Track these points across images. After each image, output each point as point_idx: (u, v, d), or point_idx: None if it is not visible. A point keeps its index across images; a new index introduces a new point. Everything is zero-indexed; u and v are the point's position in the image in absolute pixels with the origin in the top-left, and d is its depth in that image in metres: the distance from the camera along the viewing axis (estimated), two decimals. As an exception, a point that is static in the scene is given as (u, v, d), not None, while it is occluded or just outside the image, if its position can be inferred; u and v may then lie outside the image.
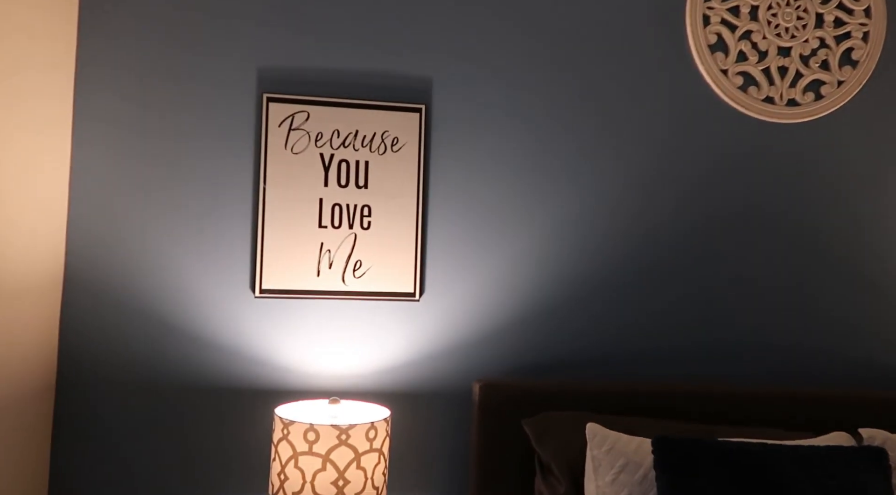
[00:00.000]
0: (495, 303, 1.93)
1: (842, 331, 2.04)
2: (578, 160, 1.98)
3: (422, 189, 1.91)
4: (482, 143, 1.95)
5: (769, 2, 2.04)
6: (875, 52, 2.06)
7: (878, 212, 2.07)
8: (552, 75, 1.98)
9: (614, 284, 1.98)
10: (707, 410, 1.81)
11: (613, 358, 1.97)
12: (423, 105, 1.92)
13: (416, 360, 1.89)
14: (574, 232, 1.97)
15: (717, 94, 2.03)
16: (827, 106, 2.05)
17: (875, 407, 1.84)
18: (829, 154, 2.07)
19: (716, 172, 2.03)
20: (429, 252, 1.91)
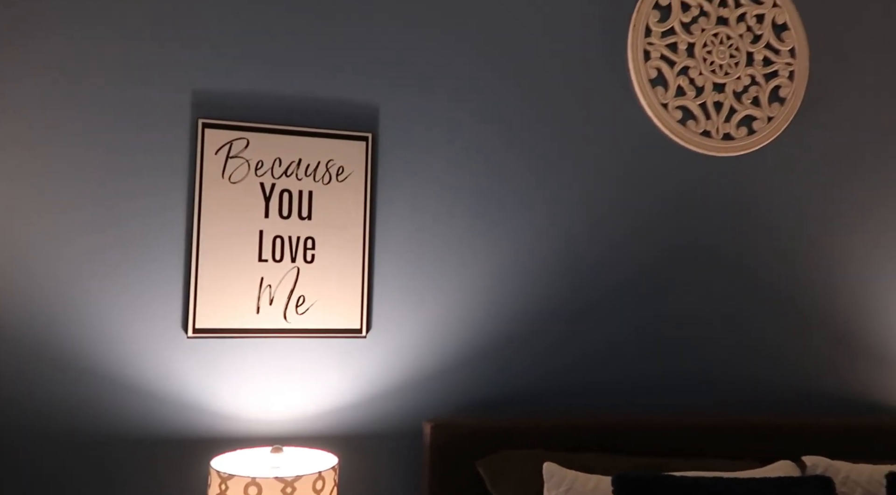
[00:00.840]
0: (445, 338, 1.87)
1: (778, 360, 2.11)
2: (529, 191, 1.96)
3: (368, 220, 1.84)
4: (431, 173, 1.90)
5: (704, 39, 2.11)
6: (800, 89, 2.17)
7: (807, 244, 2.16)
8: (501, 106, 1.96)
9: (564, 317, 1.96)
10: (658, 443, 1.81)
11: (565, 391, 1.94)
12: (370, 133, 1.85)
13: (364, 401, 1.80)
14: (524, 264, 1.95)
15: (659, 127, 2.07)
16: (759, 140, 2.13)
17: (814, 434, 1.90)
18: (762, 187, 2.15)
19: (659, 203, 2.07)
20: (376, 286, 1.84)
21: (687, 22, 2.10)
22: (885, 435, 1.96)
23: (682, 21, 2.10)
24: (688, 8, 2.11)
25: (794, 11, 2.17)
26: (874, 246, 2.20)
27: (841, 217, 2.19)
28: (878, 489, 1.64)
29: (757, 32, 2.15)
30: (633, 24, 2.06)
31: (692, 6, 2.11)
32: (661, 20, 2.08)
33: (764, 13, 2.15)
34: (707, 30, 2.11)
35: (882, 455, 1.92)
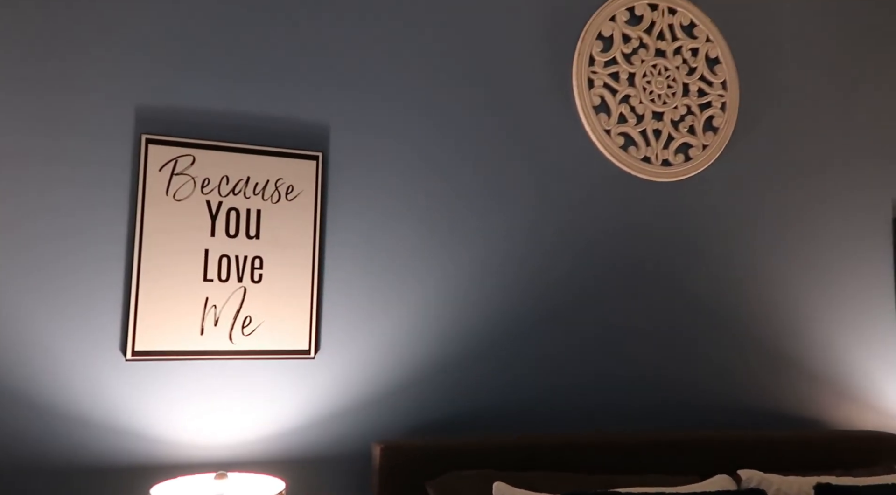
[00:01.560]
0: (395, 359, 1.87)
1: (716, 378, 2.19)
2: (478, 212, 1.99)
3: (318, 239, 1.82)
4: (382, 193, 1.90)
5: (644, 70, 2.21)
6: (731, 119, 2.29)
7: (740, 265, 2.27)
8: (453, 127, 1.99)
9: (512, 337, 1.99)
10: (604, 460, 1.85)
11: (514, 411, 1.96)
12: (321, 152, 1.85)
13: (312, 423, 1.77)
14: (473, 284, 1.97)
15: (602, 152, 2.15)
16: (695, 167, 2.24)
17: (749, 448, 1.98)
18: (698, 210, 2.25)
19: (603, 225, 2.13)
20: (325, 306, 1.82)
21: (628, 53, 2.20)
22: (812, 447, 2.06)
23: (623, 52, 2.19)
24: (628, 39, 2.20)
25: (726, 47, 2.30)
26: (802, 267, 2.33)
27: (769, 240, 2.31)
28: (807, 499, 1.72)
29: (692, 65, 2.27)
30: (578, 53, 2.14)
31: (633, 38, 2.21)
32: (603, 50, 2.17)
33: (698, 47, 2.28)
34: (646, 61, 2.22)
35: (811, 466, 2.02)
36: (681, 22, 2.27)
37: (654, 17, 2.24)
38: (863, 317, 2.39)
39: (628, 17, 2.21)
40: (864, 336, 2.38)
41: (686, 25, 2.28)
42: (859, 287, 2.39)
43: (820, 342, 2.32)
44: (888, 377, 2.39)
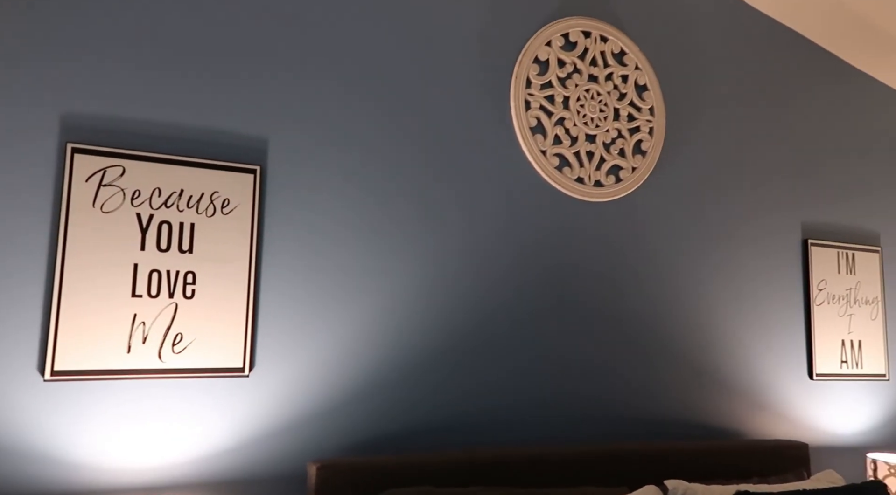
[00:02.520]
0: (332, 377, 1.84)
1: (643, 392, 2.28)
2: (417, 230, 2.01)
3: (255, 255, 1.79)
4: (321, 208, 1.89)
5: (577, 94, 2.30)
6: (658, 144, 2.41)
7: (666, 285, 2.38)
8: (392, 145, 2.00)
9: (448, 355, 2.00)
10: (539, 474, 1.88)
11: (451, 428, 1.97)
12: (258, 166, 1.82)
13: (245, 443, 1.72)
14: (411, 301, 1.97)
15: (539, 172, 2.21)
16: (625, 188, 2.34)
17: (675, 459, 2.07)
18: (627, 231, 2.34)
19: (539, 244, 2.19)
20: (261, 323, 1.78)
21: (563, 77, 2.28)
22: (732, 456, 2.17)
23: (558, 76, 2.27)
24: (563, 64, 2.29)
25: (653, 75, 2.43)
26: (721, 285, 2.46)
27: (692, 259, 2.43)
28: (728, 506, 1.81)
29: (622, 91, 2.38)
30: (515, 76, 2.20)
31: (567, 63, 2.29)
32: (540, 73, 2.25)
33: (628, 74, 2.39)
34: (580, 85, 2.30)
35: (731, 475, 2.13)
36: (612, 49, 2.37)
37: (588, 44, 2.33)
38: (775, 333, 2.54)
39: (563, 43, 2.30)
40: (777, 351, 2.53)
41: (617, 53, 2.38)
42: (772, 304, 2.55)
43: (738, 357, 2.46)
44: (798, 389, 2.56)
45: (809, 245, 2.64)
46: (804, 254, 2.64)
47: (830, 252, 2.67)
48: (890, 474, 2.27)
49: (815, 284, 2.62)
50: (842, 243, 2.71)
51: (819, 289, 2.63)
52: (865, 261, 2.75)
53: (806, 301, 2.61)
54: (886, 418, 2.74)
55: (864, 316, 2.71)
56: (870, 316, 2.72)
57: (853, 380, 2.67)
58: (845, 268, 2.69)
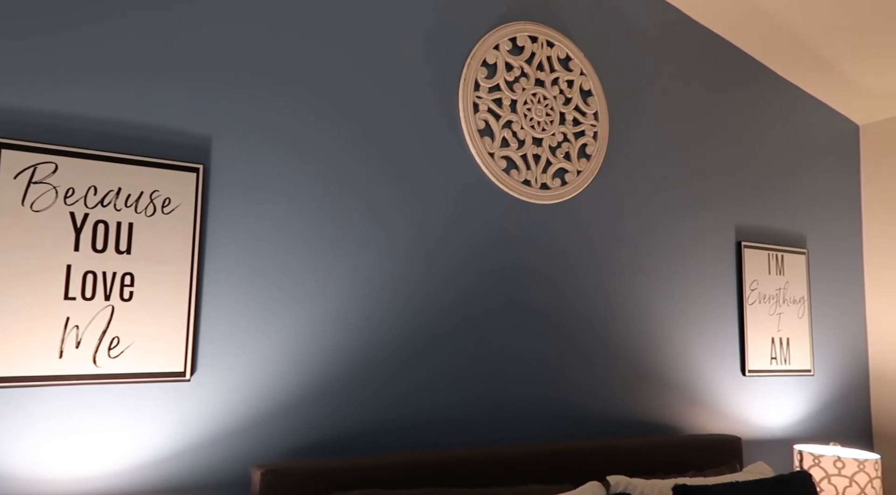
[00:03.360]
0: (276, 380, 1.81)
1: (587, 391, 2.33)
2: (363, 232, 1.99)
3: (197, 256, 1.74)
4: (266, 210, 1.85)
5: (525, 98, 2.33)
6: (602, 148, 2.47)
7: (609, 284, 2.44)
8: (340, 145, 1.98)
9: (394, 357, 2.00)
10: (485, 474, 1.90)
11: (397, 430, 1.97)
12: (202, 165, 1.77)
13: (187, 449, 1.67)
14: (357, 304, 1.96)
15: (487, 174, 2.23)
16: (570, 191, 2.39)
17: (617, 455, 2.13)
18: (572, 232, 2.39)
19: (486, 246, 2.21)
20: (203, 325, 1.73)
21: (510, 81, 2.31)
22: (671, 451, 2.25)
23: (506, 79, 2.30)
24: (511, 68, 2.32)
25: (598, 81, 2.49)
26: (660, 286, 2.55)
27: (633, 261, 2.51)
28: (667, 500, 1.88)
29: (568, 96, 2.43)
30: (464, 79, 2.21)
31: (515, 67, 2.32)
32: (488, 77, 2.27)
33: (573, 79, 2.44)
34: (527, 89, 2.34)
35: (669, 469, 2.21)
36: (558, 55, 2.42)
37: (535, 49, 2.37)
38: (711, 331, 2.65)
39: (511, 47, 2.33)
40: (713, 349, 2.64)
41: (563, 58, 2.43)
42: (708, 304, 2.66)
43: (676, 355, 2.55)
44: (731, 385, 2.67)
45: (742, 247, 2.76)
46: (738, 256, 2.76)
47: (761, 254, 2.80)
48: (814, 464, 2.39)
49: (748, 284, 2.75)
50: (772, 245, 2.85)
51: (751, 289, 2.75)
52: (793, 262, 2.89)
53: (739, 300, 2.73)
54: (811, 411, 2.89)
55: (792, 314, 2.85)
56: (797, 314, 2.87)
57: (782, 376, 2.81)
58: (775, 269, 2.83)
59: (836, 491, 2.33)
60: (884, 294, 3.06)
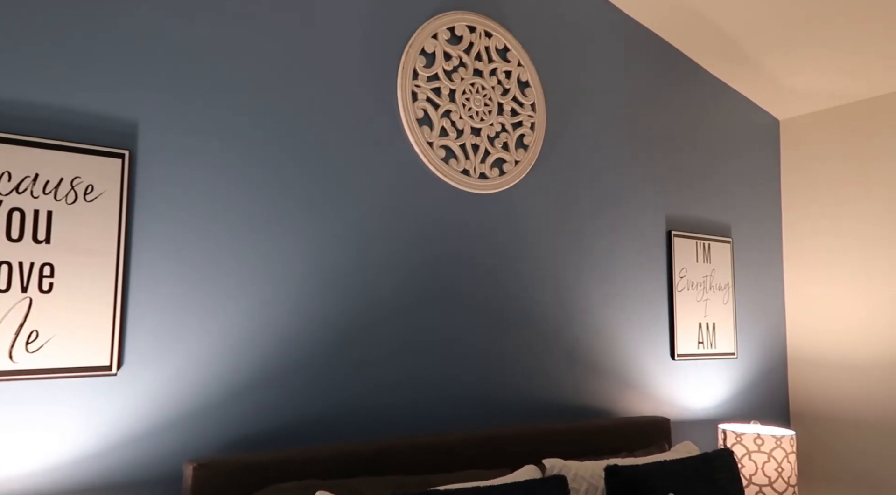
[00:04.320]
0: (208, 374, 1.77)
1: (524, 377, 2.38)
2: (300, 221, 1.96)
3: (123, 246, 1.67)
4: (197, 198, 1.79)
5: (463, 87, 2.34)
6: (539, 139, 2.51)
7: (544, 275, 2.49)
8: (275, 133, 1.94)
9: (328, 347, 1.98)
10: (423, 461, 1.92)
11: (333, 421, 1.96)
12: (127, 150, 1.70)
13: (114, 446, 1.61)
14: (291, 295, 1.93)
15: (425, 163, 2.24)
16: (508, 181, 2.42)
17: (553, 439, 2.18)
18: (510, 222, 2.43)
19: (424, 235, 2.22)
20: (130, 318, 1.67)
21: (449, 70, 2.31)
22: (604, 434, 2.32)
23: (444, 69, 2.30)
24: (449, 57, 2.32)
25: (535, 72, 2.52)
26: (595, 274, 2.62)
27: (569, 250, 2.56)
28: (599, 481, 1.94)
29: (506, 86, 2.45)
30: (402, 67, 2.20)
31: (453, 56, 2.33)
32: (426, 66, 2.26)
33: (511, 70, 2.46)
34: (465, 79, 2.35)
35: (602, 451, 2.28)
36: (496, 45, 2.44)
37: (473, 39, 2.38)
38: (643, 317, 2.74)
39: (449, 37, 2.33)
40: (644, 334, 2.74)
41: (500, 49, 2.45)
42: (640, 291, 2.75)
43: (609, 341, 2.63)
44: (661, 369, 2.78)
45: (672, 236, 2.86)
46: (668, 245, 2.86)
47: (690, 242, 2.92)
48: (737, 442, 2.53)
49: (677, 272, 2.86)
50: (700, 234, 2.97)
51: (680, 276, 2.87)
52: (719, 250, 3.03)
53: (669, 287, 2.84)
54: (735, 392, 3.04)
55: (718, 300, 2.99)
56: (722, 300, 3.01)
57: (708, 359, 2.94)
58: (702, 257, 2.95)
59: (756, 466, 2.46)
60: (801, 281, 3.25)
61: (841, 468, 3.01)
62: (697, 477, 1.96)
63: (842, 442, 3.02)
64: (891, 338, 2.89)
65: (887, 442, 2.87)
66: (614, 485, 1.88)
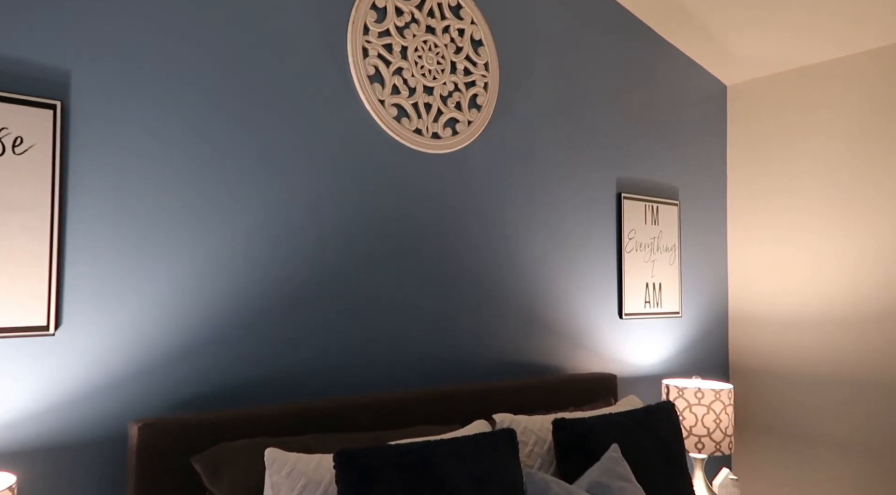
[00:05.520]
0: (153, 333, 1.73)
1: (475, 336, 2.41)
2: (247, 179, 1.91)
3: (58, 201, 1.60)
4: (137, 150, 1.72)
5: (416, 44, 2.30)
6: (493, 99, 2.50)
7: (497, 234, 2.51)
8: (220, 88, 1.87)
9: (281, 303, 1.96)
10: (375, 419, 1.93)
11: (282, 380, 1.95)
12: (59, 101, 1.61)
13: (54, 407, 1.57)
14: (238, 253, 1.89)
15: (377, 122, 2.20)
16: (461, 141, 2.40)
17: (502, 395, 2.23)
18: (463, 183, 2.42)
19: (375, 194, 2.19)
20: (68, 277, 1.61)
21: (401, 26, 2.26)
22: (552, 390, 2.38)
23: (396, 24, 2.25)
24: (401, 13, 2.27)
25: (488, 31, 2.49)
26: (546, 235, 2.65)
27: (520, 211, 2.58)
28: (547, 434, 2.00)
29: (458, 44, 2.42)
30: (352, 21, 2.14)
31: (405, 12, 2.27)
32: (378, 21, 2.21)
33: (464, 28, 2.43)
34: (418, 36, 2.30)
35: (551, 406, 2.35)
36: (448, 2, 2.39)
37: (426, -6, 2.33)
38: (593, 278, 2.80)
39: (401, -9, 2.27)
40: (594, 295, 2.80)
41: (453, 6, 2.41)
42: (590, 252, 2.80)
43: (559, 301, 2.68)
44: (609, 328, 2.85)
45: (622, 198, 2.91)
46: (618, 207, 2.91)
47: (639, 205, 2.97)
48: (679, 396, 2.63)
49: (626, 234, 2.92)
50: (648, 197, 3.03)
51: (629, 238, 2.93)
52: (667, 213, 3.10)
53: (618, 249, 2.90)
54: (679, 350, 3.16)
55: (665, 261, 3.07)
56: (668, 261, 3.09)
57: (654, 318, 3.03)
58: (650, 219, 3.02)
59: (696, 418, 2.57)
60: (744, 242, 3.36)
61: (774, 418, 3.18)
62: (640, 429, 2.04)
63: (776, 395, 3.18)
64: (831, 295, 3.04)
65: (818, 394, 3.04)
66: (561, 438, 1.94)
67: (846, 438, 2.94)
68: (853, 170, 2.98)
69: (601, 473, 1.78)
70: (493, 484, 1.59)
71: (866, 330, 2.91)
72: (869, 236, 2.92)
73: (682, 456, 2.08)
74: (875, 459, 2.86)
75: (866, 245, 2.93)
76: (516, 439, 1.76)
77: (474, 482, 1.56)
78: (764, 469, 3.21)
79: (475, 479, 1.57)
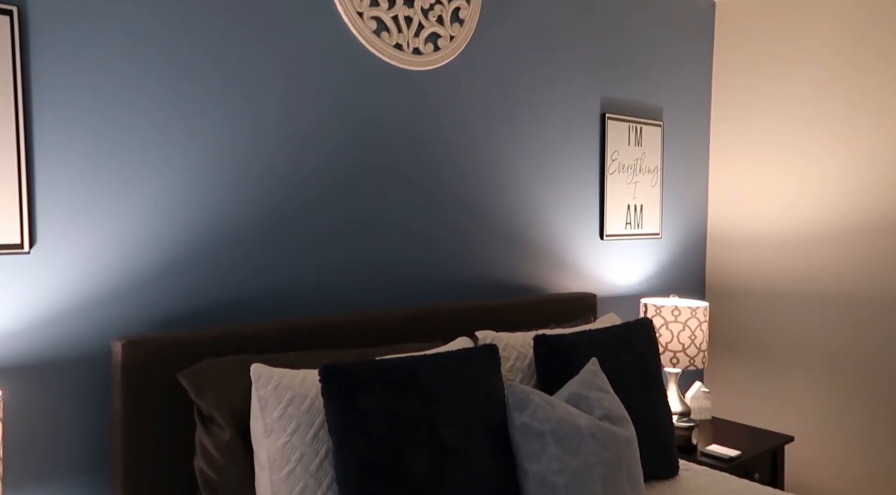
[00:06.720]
0: (134, 251, 1.70)
1: (459, 256, 2.41)
2: (221, 91, 1.84)
3: (22, 113, 1.52)
4: (104, 61, 1.64)
5: (395, -49, 2.18)
6: (476, 13, 2.40)
7: (480, 153, 2.47)
8: None
9: (260, 224, 1.94)
10: (360, 336, 1.95)
11: (268, 297, 1.95)
12: (16, 6, 1.51)
13: (33, 326, 1.55)
14: (221, 169, 1.84)
15: (355, 35, 2.11)
16: (443, 57, 2.32)
17: (486, 314, 2.26)
18: (445, 101, 2.36)
19: (355, 113, 2.13)
20: (39, 193, 1.56)
21: (379, -70, 2.13)
22: (534, 309, 2.42)
23: (374, -72, 2.12)
24: (380, -84, 2.13)
25: (472, -63, 2.36)
26: (529, 155, 2.62)
27: (503, 130, 2.54)
28: (528, 350, 2.04)
29: (441, -48, 2.29)
30: (328, -76, 2.01)
31: (384, -85, 2.14)
32: (354, -76, 2.08)
33: (447, -66, 2.30)
34: (397, -58, 2.18)
35: (533, 324, 2.39)
36: None
37: None
38: (575, 199, 2.80)
39: None
40: (575, 215, 2.80)
41: None
42: (573, 173, 2.78)
43: (542, 222, 2.68)
44: (591, 249, 2.88)
45: (606, 119, 2.87)
46: (602, 127, 2.88)
47: (623, 125, 2.94)
48: (656, 314, 2.69)
49: (609, 155, 2.90)
50: (632, 117, 2.99)
51: (612, 159, 2.91)
52: (650, 134, 3.07)
53: (601, 170, 2.89)
54: (658, 269, 3.21)
55: (647, 183, 3.07)
56: (651, 183, 3.09)
57: (634, 239, 3.06)
58: (634, 140, 2.99)
59: (673, 334, 2.65)
60: (726, 162, 3.36)
61: (746, 335, 3.29)
62: (618, 344, 2.09)
63: (749, 313, 3.28)
64: (811, 214, 3.08)
65: (788, 311, 3.14)
66: (542, 353, 1.99)
67: (812, 351, 3.07)
68: (837, 93, 2.96)
69: (580, 385, 1.83)
70: (475, 395, 1.63)
71: (841, 248, 2.97)
72: (849, 158, 2.94)
73: (658, 370, 2.15)
74: (839, 369, 2.99)
75: (847, 168, 2.95)
76: (498, 354, 1.80)
77: (457, 394, 1.60)
78: (734, 382, 3.35)
79: (458, 391, 1.61)
